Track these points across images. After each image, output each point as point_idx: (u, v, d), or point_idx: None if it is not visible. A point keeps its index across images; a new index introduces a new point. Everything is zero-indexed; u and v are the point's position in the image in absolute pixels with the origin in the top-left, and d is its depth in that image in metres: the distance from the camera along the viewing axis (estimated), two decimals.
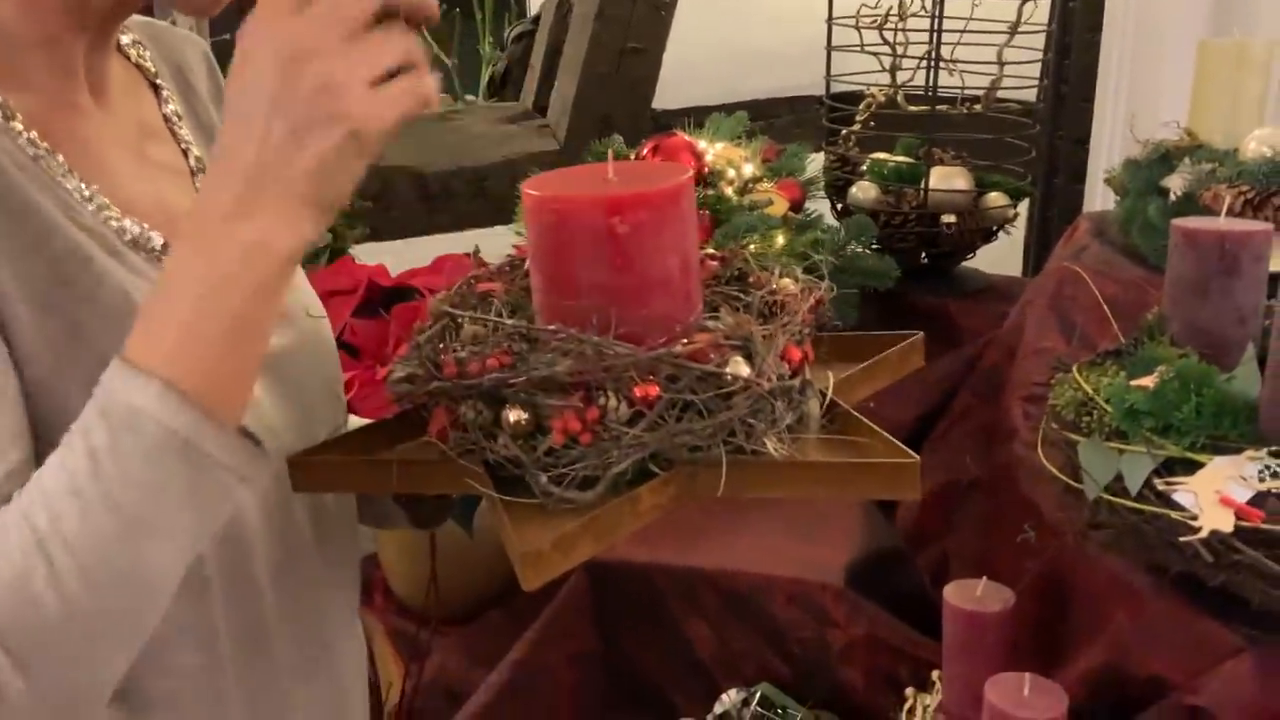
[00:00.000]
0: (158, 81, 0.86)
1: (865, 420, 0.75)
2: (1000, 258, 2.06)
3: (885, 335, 0.89)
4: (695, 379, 0.70)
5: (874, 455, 0.73)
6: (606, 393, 0.70)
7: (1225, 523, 0.88)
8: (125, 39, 0.86)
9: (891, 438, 0.73)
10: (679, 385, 0.70)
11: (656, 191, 0.73)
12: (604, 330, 0.71)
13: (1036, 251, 2.43)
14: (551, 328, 0.74)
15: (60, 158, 0.74)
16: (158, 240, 0.77)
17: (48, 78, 0.75)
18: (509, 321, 0.76)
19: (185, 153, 0.85)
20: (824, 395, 0.77)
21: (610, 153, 0.81)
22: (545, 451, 0.71)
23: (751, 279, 0.83)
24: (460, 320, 0.79)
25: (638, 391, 0.69)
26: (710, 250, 0.88)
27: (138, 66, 0.86)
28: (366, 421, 0.89)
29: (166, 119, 0.86)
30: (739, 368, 0.71)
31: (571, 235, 0.73)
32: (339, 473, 0.79)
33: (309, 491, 0.82)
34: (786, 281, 0.82)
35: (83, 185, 0.74)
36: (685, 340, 0.71)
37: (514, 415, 0.72)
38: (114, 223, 0.75)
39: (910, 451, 0.71)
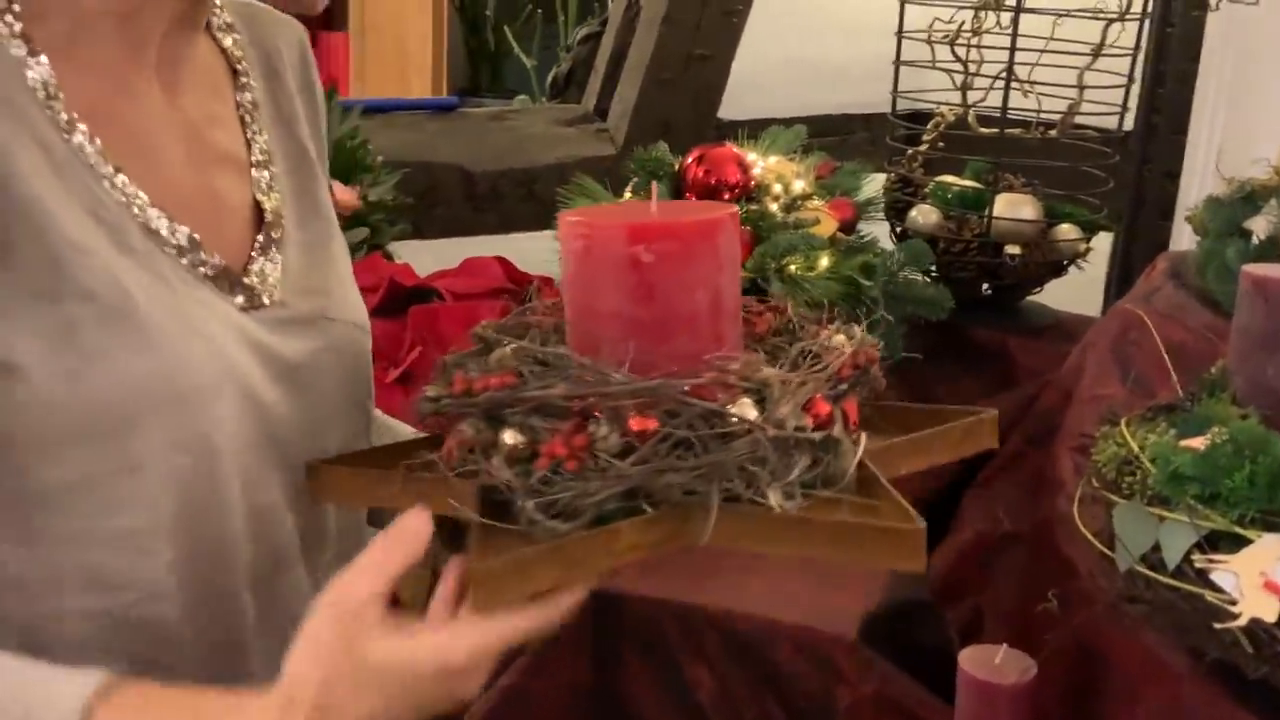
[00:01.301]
0: (239, 68, 0.84)
1: (885, 483, 0.70)
2: (1080, 294, 1.95)
3: (953, 410, 0.82)
4: (696, 417, 0.66)
5: (881, 517, 0.67)
6: (599, 421, 0.68)
7: (1269, 611, 0.78)
8: (216, 21, 0.83)
9: (903, 502, 0.67)
10: (678, 421, 0.66)
11: (685, 223, 0.71)
12: (619, 360, 0.69)
13: (1118, 289, 2.30)
14: (560, 350, 0.72)
15: (98, 143, 0.71)
16: (183, 235, 0.74)
17: (113, 55, 0.73)
18: (523, 343, 0.75)
19: (250, 144, 0.83)
20: (855, 455, 0.71)
21: (654, 186, 0.79)
22: (540, 479, 0.68)
23: (802, 331, 0.79)
24: (491, 343, 0.78)
25: (633, 424, 0.66)
26: (772, 302, 0.85)
27: (223, 51, 0.83)
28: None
29: (240, 106, 0.83)
30: (745, 410, 0.67)
31: (597, 262, 0.72)
32: (350, 484, 0.80)
33: (324, 502, 0.83)
34: (840, 338, 0.78)
35: (115, 174, 0.71)
36: (696, 376, 0.68)
37: (510, 437, 0.70)
38: (138, 215, 0.72)
39: (916, 516, 0.65)
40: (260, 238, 0.81)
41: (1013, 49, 1.55)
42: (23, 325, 0.65)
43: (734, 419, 0.67)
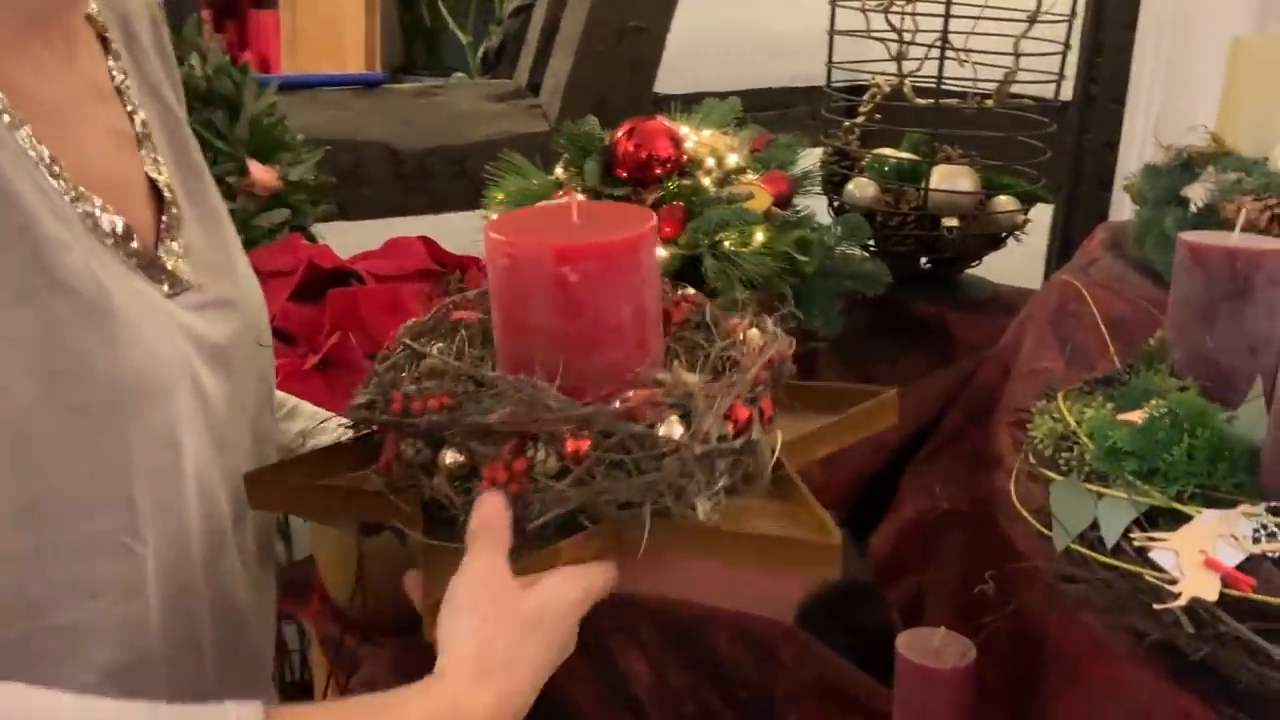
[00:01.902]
0: (107, 35, 0.79)
1: (803, 488, 0.74)
2: (1022, 267, 1.93)
3: (857, 389, 0.88)
4: (628, 437, 0.70)
5: (802, 528, 0.71)
6: (538, 444, 0.70)
7: (1209, 590, 0.76)
8: None
9: (823, 512, 0.72)
10: (611, 442, 0.70)
11: (610, 242, 0.73)
12: (550, 377, 0.71)
13: (1059, 261, 2.29)
14: (494, 374, 0.74)
15: (28, 130, 0.66)
16: (120, 224, 0.71)
17: (20, 30, 0.68)
18: (456, 363, 0.76)
19: (131, 116, 0.78)
20: (773, 454, 0.75)
21: (575, 194, 0.83)
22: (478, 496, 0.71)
23: (718, 326, 0.82)
24: (419, 351, 0.79)
25: (569, 446, 0.69)
26: (687, 291, 0.87)
27: (89, 18, 0.78)
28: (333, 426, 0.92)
29: (112, 76, 0.78)
30: (673, 429, 0.71)
31: (524, 280, 0.74)
32: (291, 494, 0.81)
33: (263, 509, 0.83)
34: (754, 332, 0.82)
35: (52, 162, 0.67)
36: (625, 396, 0.71)
37: (449, 458, 0.72)
38: (78, 205, 0.68)
39: (834, 531, 0.70)
40: (164, 218, 0.78)
41: (947, 16, 1.52)
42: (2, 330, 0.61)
43: (662, 439, 0.70)
